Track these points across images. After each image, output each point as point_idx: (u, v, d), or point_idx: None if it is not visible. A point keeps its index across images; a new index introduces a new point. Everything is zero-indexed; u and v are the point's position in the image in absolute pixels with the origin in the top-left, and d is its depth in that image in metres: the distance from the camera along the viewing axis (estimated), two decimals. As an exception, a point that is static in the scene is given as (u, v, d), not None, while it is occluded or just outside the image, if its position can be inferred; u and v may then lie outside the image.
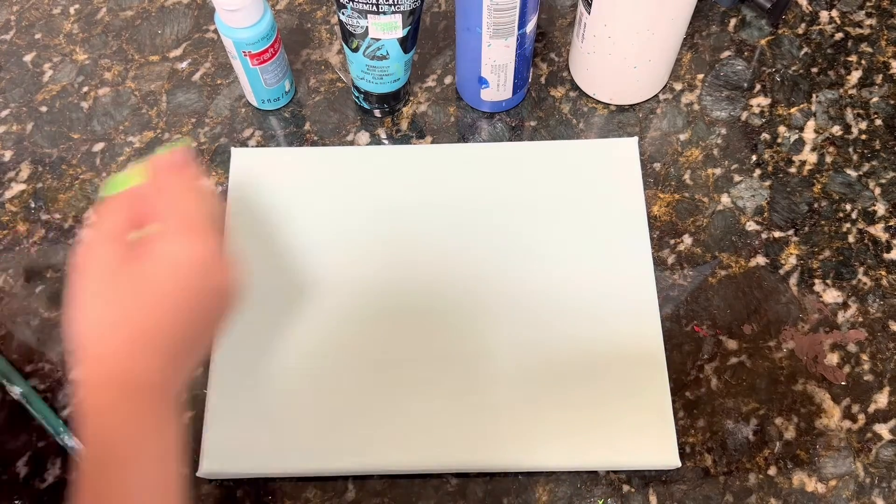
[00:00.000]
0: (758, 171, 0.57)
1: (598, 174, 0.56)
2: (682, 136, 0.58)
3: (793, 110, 0.59)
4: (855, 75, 0.61)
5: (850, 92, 0.60)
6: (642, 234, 0.54)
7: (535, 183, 0.55)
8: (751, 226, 0.55)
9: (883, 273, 0.54)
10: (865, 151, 0.58)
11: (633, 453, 0.48)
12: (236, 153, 0.57)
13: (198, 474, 0.47)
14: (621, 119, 0.59)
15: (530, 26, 0.51)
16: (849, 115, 0.59)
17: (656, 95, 0.60)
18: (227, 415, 0.49)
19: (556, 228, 0.54)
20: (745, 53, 0.61)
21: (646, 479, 0.48)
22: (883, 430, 0.50)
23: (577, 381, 0.49)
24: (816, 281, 0.54)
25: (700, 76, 0.61)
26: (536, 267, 0.53)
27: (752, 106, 0.60)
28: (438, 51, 0.62)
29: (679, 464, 0.47)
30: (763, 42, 0.62)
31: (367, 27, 0.51)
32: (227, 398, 0.49)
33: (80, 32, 0.63)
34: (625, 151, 0.56)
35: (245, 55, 0.53)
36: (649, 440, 0.48)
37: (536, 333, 0.51)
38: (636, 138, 0.57)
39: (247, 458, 0.48)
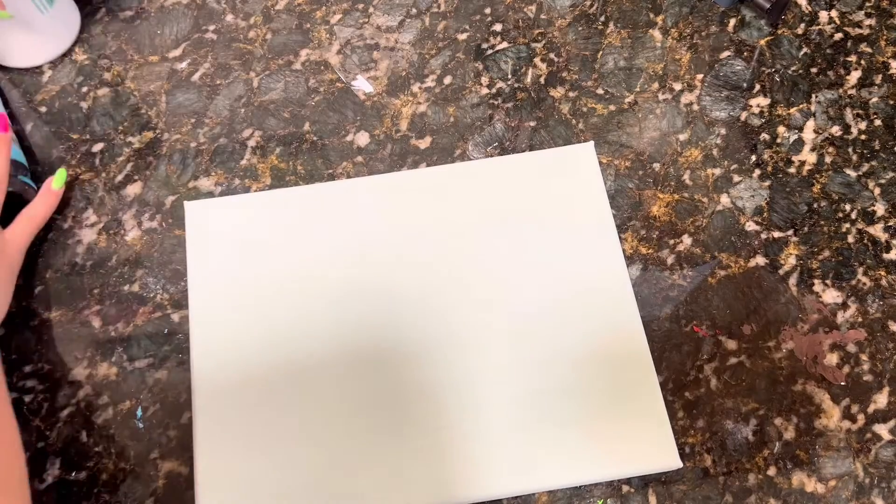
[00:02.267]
0: (757, 172, 0.57)
1: (559, 183, 0.55)
2: (682, 137, 0.58)
3: (792, 110, 0.59)
4: (854, 75, 0.61)
5: (849, 92, 0.60)
6: (611, 237, 0.54)
7: (499, 199, 0.55)
8: (750, 226, 0.55)
9: (882, 273, 0.54)
10: (865, 152, 0.58)
11: (634, 461, 0.47)
12: (190, 207, 0.55)
13: None
14: (620, 119, 0.59)
15: None
16: (848, 115, 0.59)
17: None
18: (216, 478, 0.48)
19: (524, 244, 0.53)
20: (745, 53, 0.61)
21: (645, 479, 0.48)
22: (882, 430, 0.50)
23: (567, 397, 0.49)
24: (816, 281, 0.54)
25: (699, 76, 0.61)
26: (510, 286, 0.52)
27: (751, 106, 0.60)
28: (438, 51, 0.62)
29: (680, 464, 0.48)
30: (762, 42, 0.62)
31: None
32: (214, 462, 0.48)
33: (79, 32, 0.63)
34: (583, 157, 0.56)
35: None
36: (649, 445, 0.48)
37: (518, 354, 0.50)
38: (592, 143, 0.57)
39: None
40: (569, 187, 0.55)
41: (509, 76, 0.61)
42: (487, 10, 0.64)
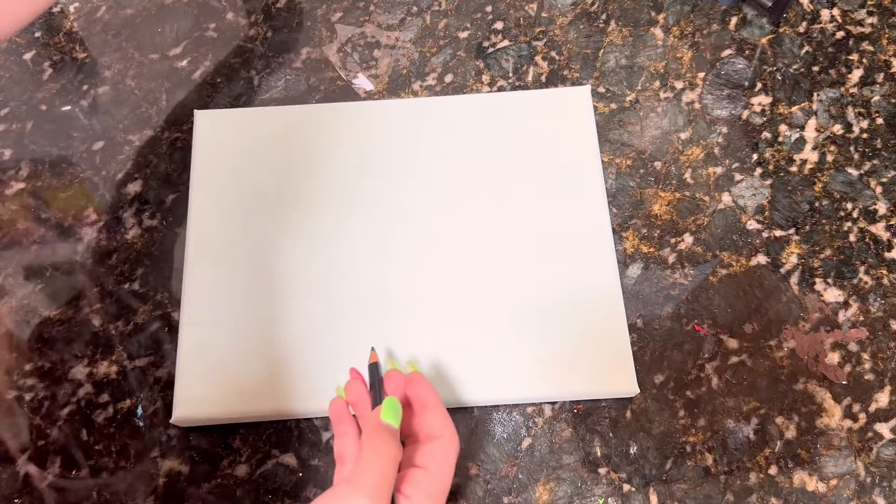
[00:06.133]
0: (759, 170, 0.57)
1: (552, 122, 0.57)
2: (683, 135, 0.58)
3: (794, 109, 0.59)
4: (856, 74, 0.60)
5: (851, 90, 0.60)
6: (597, 178, 0.55)
7: (494, 133, 0.57)
8: (752, 225, 0.55)
9: (884, 272, 0.54)
10: (866, 150, 0.58)
11: (595, 383, 0.50)
12: (199, 115, 0.58)
13: (171, 421, 0.49)
14: (622, 117, 0.59)
15: None
16: (850, 113, 0.59)
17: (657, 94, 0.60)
18: (195, 367, 0.50)
19: (515, 175, 0.56)
20: (746, 52, 0.61)
21: (646, 478, 0.48)
22: (884, 429, 0.50)
23: (540, 320, 0.51)
24: (817, 280, 0.54)
25: (701, 75, 0.60)
26: (500, 215, 0.54)
27: (752, 105, 0.59)
28: (439, 49, 0.62)
29: (637, 390, 0.49)
30: (764, 40, 0.62)
31: None
32: (194, 351, 0.50)
33: (80, 31, 0.63)
34: (577, 99, 0.58)
35: None
36: (610, 371, 0.50)
37: (502, 276, 0.52)
38: (588, 86, 0.59)
39: (214, 405, 0.49)
40: (562, 126, 0.57)
41: (510, 74, 0.61)
42: (488, 8, 0.63)
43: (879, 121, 0.59)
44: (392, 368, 0.44)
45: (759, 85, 0.60)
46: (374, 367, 0.45)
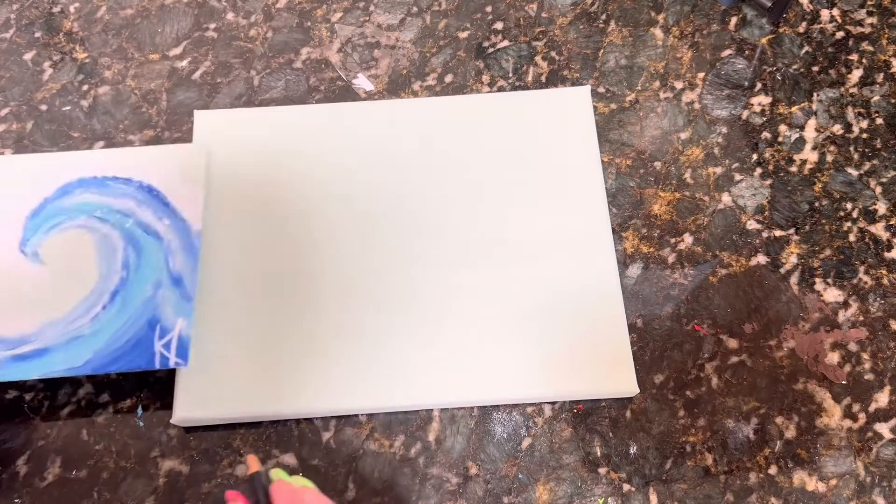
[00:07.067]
0: (758, 170, 0.57)
1: (551, 122, 0.57)
2: (683, 135, 0.58)
3: (794, 109, 0.59)
4: (856, 74, 0.60)
5: (851, 91, 0.60)
6: (597, 178, 0.55)
7: (494, 133, 0.57)
8: (751, 225, 0.55)
9: (884, 272, 0.54)
10: (866, 150, 0.58)
11: (594, 383, 0.50)
12: (199, 115, 0.58)
13: (171, 421, 0.49)
14: (622, 118, 0.59)
15: None
16: (850, 113, 0.59)
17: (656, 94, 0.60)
18: (195, 367, 0.50)
19: (515, 176, 0.56)
20: (746, 52, 0.61)
21: (646, 478, 0.48)
22: (883, 429, 0.50)
23: (539, 320, 0.51)
24: (817, 280, 0.54)
25: (701, 75, 0.60)
26: (499, 216, 0.54)
27: (752, 105, 0.59)
28: (439, 49, 0.62)
29: (637, 390, 0.49)
30: (764, 41, 0.62)
31: None
32: (194, 351, 0.50)
33: (80, 31, 0.63)
34: (577, 99, 0.58)
35: None
36: (610, 371, 0.50)
37: (502, 277, 0.52)
38: (588, 86, 0.59)
39: (213, 405, 0.49)
40: (562, 126, 0.57)
41: (510, 74, 0.61)
42: (488, 9, 0.63)
43: (879, 121, 0.59)
44: (279, 479, 0.40)
45: (758, 85, 0.60)
46: (256, 478, 0.40)
